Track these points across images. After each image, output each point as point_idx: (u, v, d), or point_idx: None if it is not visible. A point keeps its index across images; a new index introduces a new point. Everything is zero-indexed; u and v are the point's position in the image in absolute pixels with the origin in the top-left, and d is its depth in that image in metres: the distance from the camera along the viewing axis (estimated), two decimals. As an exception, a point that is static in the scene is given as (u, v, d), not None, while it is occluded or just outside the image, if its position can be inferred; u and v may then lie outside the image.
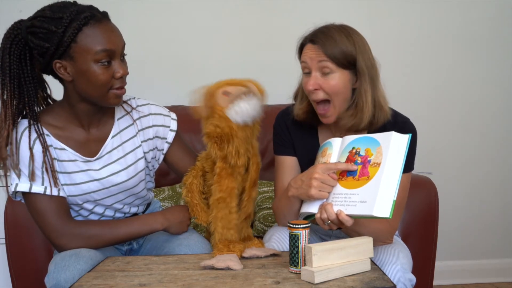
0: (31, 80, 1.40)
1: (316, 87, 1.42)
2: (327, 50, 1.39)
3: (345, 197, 1.28)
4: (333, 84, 1.41)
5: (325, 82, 1.42)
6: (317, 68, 1.42)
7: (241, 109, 1.33)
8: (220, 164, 1.37)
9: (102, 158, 1.48)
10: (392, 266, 1.36)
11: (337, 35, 1.40)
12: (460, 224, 2.61)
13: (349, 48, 1.40)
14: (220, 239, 1.37)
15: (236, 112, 1.33)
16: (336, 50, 1.39)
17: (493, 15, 2.54)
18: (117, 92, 1.40)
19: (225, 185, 1.37)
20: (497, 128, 2.60)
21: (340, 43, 1.39)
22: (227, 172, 1.37)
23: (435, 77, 2.57)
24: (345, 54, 1.39)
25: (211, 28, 2.48)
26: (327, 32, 1.42)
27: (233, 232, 1.38)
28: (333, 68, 1.40)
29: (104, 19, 1.37)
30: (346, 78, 1.42)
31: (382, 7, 2.52)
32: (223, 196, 1.36)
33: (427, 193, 1.91)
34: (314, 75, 1.42)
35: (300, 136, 1.57)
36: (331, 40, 1.40)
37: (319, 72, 1.42)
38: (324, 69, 1.41)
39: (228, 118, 1.33)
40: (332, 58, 1.39)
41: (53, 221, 1.39)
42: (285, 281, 1.18)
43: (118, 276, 1.25)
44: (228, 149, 1.35)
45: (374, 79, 1.44)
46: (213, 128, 1.35)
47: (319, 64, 1.41)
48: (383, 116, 1.45)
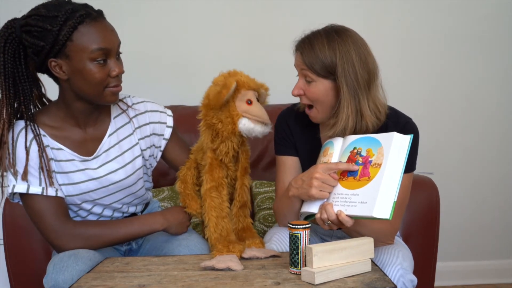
0: (26, 79, 1.40)
1: (300, 93, 1.46)
2: (306, 60, 1.42)
3: (346, 198, 1.27)
4: (313, 91, 1.44)
5: (307, 89, 1.45)
6: (301, 75, 1.46)
7: (253, 131, 1.37)
8: (211, 154, 1.41)
9: (100, 157, 1.48)
10: (393, 267, 1.36)
11: (319, 45, 1.41)
12: (461, 225, 2.60)
13: (329, 59, 1.40)
14: (216, 237, 1.38)
15: (247, 129, 1.37)
16: (315, 60, 1.41)
17: (493, 14, 2.54)
18: (113, 90, 1.39)
19: (216, 174, 1.40)
20: (497, 128, 2.59)
21: (320, 54, 1.40)
22: (217, 162, 1.41)
23: (435, 77, 2.56)
24: (324, 64, 1.40)
25: (211, 28, 2.47)
26: (310, 41, 1.43)
27: (226, 221, 1.40)
28: (313, 77, 1.43)
29: (99, 17, 1.36)
30: (327, 86, 1.43)
31: (382, 7, 2.51)
32: (214, 185, 1.40)
33: (428, 194, 1.91)
34: (299, 81, 1.47)
35: (302, 135, 1.57)
36: (311, 51, 1.42)
37: (303, 79, 1.45)
38: (307, 78, 1.44)
39: (236, 124, 1.34)
40: (310, 68, 1.42)
41: (51, 221, 1.39)
42: (285, 282, 1.17)
43: (117, 277, 1.24)
44: (219, 146, 1.39)
45: (357, 88, 1.40)
46: (216, 122, 1.37)
47: (302, 72, 1.45)
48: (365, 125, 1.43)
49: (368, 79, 1.42)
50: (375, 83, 1.45)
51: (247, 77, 1.39)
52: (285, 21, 2.44)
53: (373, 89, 1.44)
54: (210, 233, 1.39)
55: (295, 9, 2.47)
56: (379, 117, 1.44)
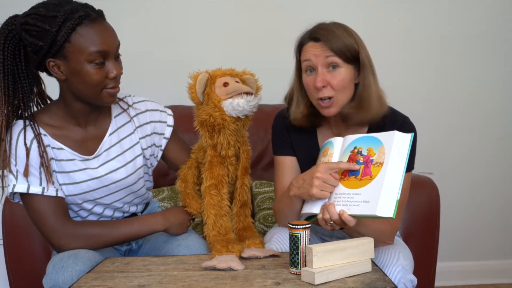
0: (26, 76, 1.39)
1: (324, 84, 1.41)
2: (332, 45, 1.40)
3: (348, 197, 1.27)
4: (340, 78, 1.41)
5: (332, 78, 1.41)
6: (324, 64, 1.41)
7: (239, 105, 1.36)
8: (211, 152, 1.42)
9: (100, 156, 1.47)
10: (393, 267, 1.36)
11: (337, 31, 1.42)
12: (461, 225, 2.60)
13: (352, 42, 1.41)
14: (214, 235, 1.38)
15: (233, 107, 1.36)
16: (341, 44, 1.40)
17: (493, 14, 2.54)
18: (111, 91, 1.39)
19: (216, 172, 1.41)
20: (497, 128, 2.59)
21: (343, 38, 1.41)
22: (217, 160, 1.42)
23: (435, 77, 2.56)
24: (349, 48, 1.41)
25: (211, 28, 2.47)
26: (327, 28, 1.43)
27: (225, 219, 1.41)
28: (339, 63, 1.41)
29: (98, 18, 1.36)
30: (351, 72, 1.43)
31: (382, 7, 2.51)
32: (214, 183, 1.41)
33: (428, 194, 1.91)
34: (321, 71, 1.41)
35: (299, 136, 1.57)
36: (333, 35, 1.40)
37: (325, 68, 1.42)
38: (332, 65, 1.41)
39: (223, 109, 1.35)
40: (338, 52, 1.40)
41: (51, 221, 1.39)
42: (285, 282, 1.17)
43: (117, 277, 1.24)
44: (218, 139, 1.40)
45: (375, 73, 1.46)
46: (206, 117, 1.39)
47: (325, 60, 1.41)
48: (383, 111, 1.45)
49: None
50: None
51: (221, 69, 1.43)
52: (285, 21, 2.44)
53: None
54: (208, 230, 1.40)
55: (295, 9, 2.47)
56: (383, 106, 1.46)
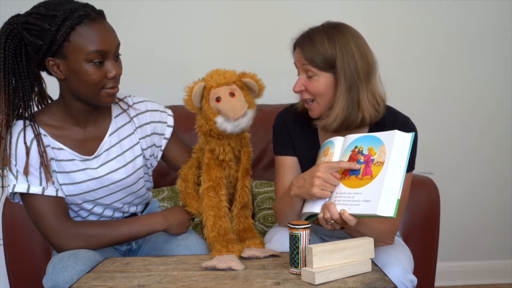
0: (27, 75, 1.40)
1: (301, 89, 1.48)
2: (307, 55, 1.44)
3: (348, 197, 1.27)
4: (316, 86, 1.46)
5: (309, 84, 1.46)
6: (303, 71, 1.47)
7: (227, 129, 1.36)
8: (208, 154, 1.43)
9: (100, 156, 1.47)
10: (393, 267, 1.36)
11: (319, 39, 1.44)
12: (461, 225, 2.60)
13: (329, 52, 1.42)
14: (214, 236, 1.38)
15: (223, 128, 1.36)
16: (316, 54, 1.43)
17: (493, 14, 2.54)
18: (109, 91, 1.39)
19: (213, 174, 1.42)
20: (497, 128, 2.59)
21: (320, 47, 1.43)
22: (215, 162, 1.43)
23: (435, 77, 2.56)
24: (325, 58, 1.43)
25: (211, 28, 2.47)
26: (309, 36, 1.46)
27: (225, 220, 1.41)
28: (315, 71, 1.45)
29: (98, 18, 1.35)
30: (328, 80, 1.45)
31: (382, 7, 2.51)
32: (211, 185, 1.42)
33: (428, 194, 1.91)
34: (300, 77, 1.48)
35: (300, 135, 1.57)
36: (311, 45, 1.44)
37: (304, 74, 1.47)
38: (308, 72, 1.46)
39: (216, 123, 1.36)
40: (311, 62, 1.44)
41: (51, 221, 1.39)
42: (285, 282, 1.17)
43: (117, 277, 1.24)
44: (215, 145, 1.41)
45: (357, 80, 1.43)
46: (204, 123, 1.40)
47: (303, 67, 1.47)
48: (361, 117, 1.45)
49: (367, 71, 1.45)
50: (374, 76, 1.47)
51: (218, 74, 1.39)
52: (285, 21, 2.44)
53: (372, 81, 1.46)
54: (207, 231, 1.40)
55: (295, 9, 2.47)
56: (378, 109, 1.46)
